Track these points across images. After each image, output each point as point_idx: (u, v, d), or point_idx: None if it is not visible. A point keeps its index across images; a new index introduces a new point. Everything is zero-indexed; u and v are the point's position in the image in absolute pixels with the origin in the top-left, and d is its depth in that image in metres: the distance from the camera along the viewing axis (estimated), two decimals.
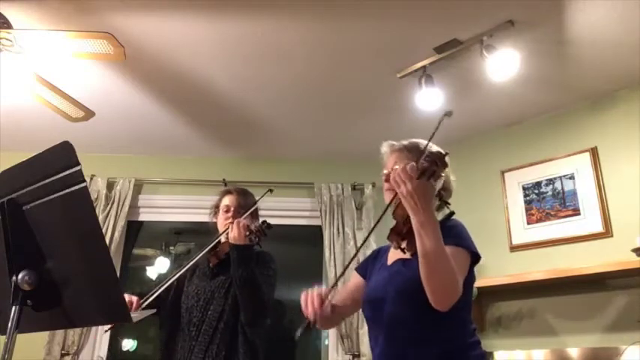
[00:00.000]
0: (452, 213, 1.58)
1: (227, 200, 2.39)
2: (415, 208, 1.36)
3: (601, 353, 2.80)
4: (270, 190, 2.39)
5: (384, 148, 1.73)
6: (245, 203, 2.36)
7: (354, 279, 1.79)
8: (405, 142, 1.70)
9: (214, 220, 2.44)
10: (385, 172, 1.68)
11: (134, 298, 2.13)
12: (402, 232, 1.48)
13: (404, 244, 1.48)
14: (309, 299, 1.53)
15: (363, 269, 1.78)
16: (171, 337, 2.26)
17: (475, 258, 1.53)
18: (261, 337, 2.21)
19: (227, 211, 2.36)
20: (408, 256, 1.50)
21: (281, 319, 4.30)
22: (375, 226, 1.64)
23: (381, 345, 1.54)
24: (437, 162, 1.39)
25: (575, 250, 3.06)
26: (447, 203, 1.56)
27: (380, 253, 1.76)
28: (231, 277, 2.18)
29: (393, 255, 1.64)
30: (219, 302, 2.19)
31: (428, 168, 1.37)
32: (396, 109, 3.30)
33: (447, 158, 1.44)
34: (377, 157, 1.75)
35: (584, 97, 3.21)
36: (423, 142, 1.67)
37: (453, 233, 1.50)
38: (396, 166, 1.62)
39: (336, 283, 1.74)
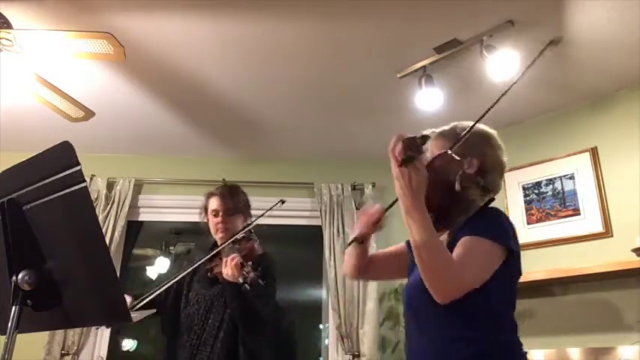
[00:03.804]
0: (491, 199, 1.44)
1: (214, 204, 2.33)
2: (399, 192, 1.28)
3: (601, 353, 2.79)
4: (282, 201, 2.26)
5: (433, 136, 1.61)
6: (234, 205, 2.31)
7: (399, 245, 1.67)
8: (446, 127, 1.59)
9: (205, 220, 2.40)
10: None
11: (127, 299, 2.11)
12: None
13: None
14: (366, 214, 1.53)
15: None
16: (172, 340, 2.25)
17: (506, 249, 1.34)
18: (261, 342, 2.19)
19: (215, 216, 2.31)
20: None
21: (281, 321, 4.29)
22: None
23: (415, 341, 1.45)
24: (411, 147, 1.25)
25: (575, 250, 3.06)
26: (484, 188, 1.43)
27: None
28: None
29: None
30: (218, 311, 2.18)
31: (404, 154, 1.25)
32: (396, 109, 3.30)
33: (429, 136, 1.34)
34: (377, 156, 1.71)
35: (584, 97, 3.21)
36: (467, 124, 1.57)
37: (478, 222, 1.36)
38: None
39: (391, 206, 1.51)
